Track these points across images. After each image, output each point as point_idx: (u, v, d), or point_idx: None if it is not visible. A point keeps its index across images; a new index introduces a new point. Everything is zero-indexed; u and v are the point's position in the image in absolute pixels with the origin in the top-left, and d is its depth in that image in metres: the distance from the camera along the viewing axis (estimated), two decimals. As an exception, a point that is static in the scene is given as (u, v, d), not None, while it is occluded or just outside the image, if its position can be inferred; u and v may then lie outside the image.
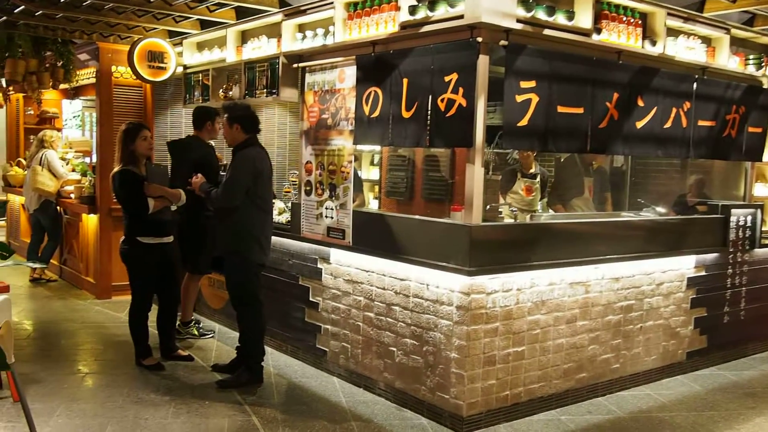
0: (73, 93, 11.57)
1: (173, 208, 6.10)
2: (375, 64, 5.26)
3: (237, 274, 5.63)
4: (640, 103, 5.41)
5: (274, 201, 6.94)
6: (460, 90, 4.57)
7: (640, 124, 5.43)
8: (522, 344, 4.99)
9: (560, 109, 4.87)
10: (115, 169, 5.97)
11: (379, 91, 5.20)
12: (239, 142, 5.62)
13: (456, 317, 4.72)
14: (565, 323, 5.23)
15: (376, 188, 7.54)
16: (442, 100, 4.69)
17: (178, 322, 6.92)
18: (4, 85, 9.77)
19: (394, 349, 5.24)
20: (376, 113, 5.22)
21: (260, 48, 6.69)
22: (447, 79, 4.65)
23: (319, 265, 5.96)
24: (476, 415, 4.79)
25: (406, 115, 4.97)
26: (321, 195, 5.81)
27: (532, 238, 5.00)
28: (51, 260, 10.07)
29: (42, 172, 9.57)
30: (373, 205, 7.51)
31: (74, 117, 14.49)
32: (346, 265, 5.67)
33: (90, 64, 8.99)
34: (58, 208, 9.81)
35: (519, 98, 4.64)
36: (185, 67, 7.91)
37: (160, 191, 5.90)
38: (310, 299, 6.07)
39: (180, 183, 6.09)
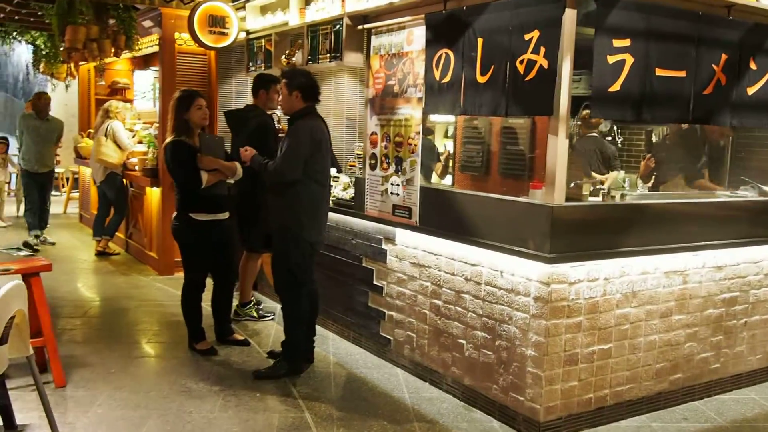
0: (144, 63, 11.39)
1: (231, 181, 5.69)
2: (446, 22, 4.69)
3: (286, 253, 5.19)
4: (753, 66, 4.68)
5: (338, 175, 6.49)
6: (542, 50, 3.97)
7: (751, 91, 4.71)
8: (609, 341, 4.40)
9: (658, 72, 4.21)
10: (167, 140, 5.59)
11: (451, 54, 4.64)
12: (296, 111, 5.16)
13: (534, 310, 4.16)
14: (659, 317, 4.60)
15: (451, 162, 7.04)
16: (522, 62, 4.10)
17: (236, 303, 6.59)
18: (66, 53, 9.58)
19: (464, 341, 4.71)
20: (447, 78, 4.67)
21: (324, 9, 6.19)
22: (527, 37, 4.06)
23: (384, 246, 5.48)
24: (554, 420, 4.23)
25: (481, 80, 4.40)
26: (386, 169, 5.31)
27: (624, 220, 4.37)
28: (117, 233, 9.93)
29: (106, 143, 9.36)
30: (446, 180, 6.99)
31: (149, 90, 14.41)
32: (412, 246, 5.17)
33: (153, 32, 8.66)
34: (123, 180, 9.62)
35: (611, 59, 4.01)
36: (248, 33, 7.48)
37: (215, 164, 5.49)
38: (374, 283, 5.59)
39: (238, 155, 5.67)
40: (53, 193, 16.30)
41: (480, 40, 4.41)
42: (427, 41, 4.86)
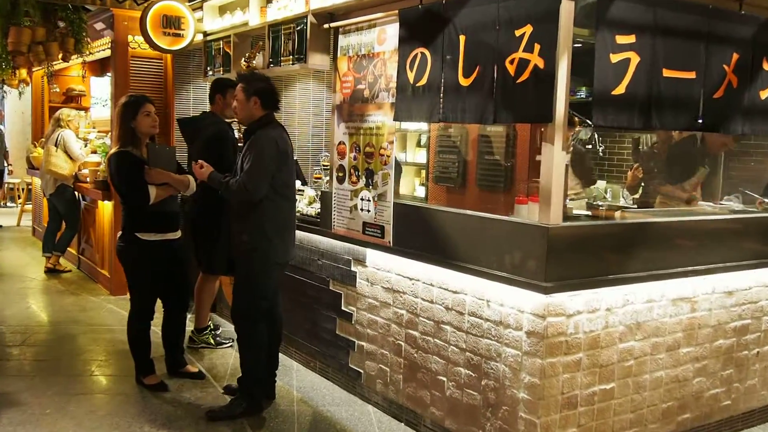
0: (101, 69, 10.72)
1: (187, 194, 5.10)
2: (423, 19, 4.15)
3: (252, 276, 4.61)
4: (766, 67, 4.20)
5: (303, 188, 5.92)
6: (536, 47, 3.43)
7: (764, 95, 4.22)
8: (611, 380, 3.86)
9: (666, 72, 3.69)
10: (112, 150, 4.98)
11: (428, 53, 4.10)
12: (256, 120, 4.60)
13: (526, 346, 3.61)
14: (665, 351, 4.07)
15: (423, 173, 6.51)
16: (512, 62, 3.56)
17: (192, 330, 5.98)
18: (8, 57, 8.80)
19: (444, 379, 4.15)
20: (423, 81, 4.12)
21: (286, 7, 5.61)
22: (518, 33, 3.52)
23: (353, 268, 4.91)
24: (551, 472, 3.69)
25: (463, 82, 3.85)
26: (356, 183, 4.75)
27: (627, 241, 3.84)
28: (69, 249, 9.25)
29: (56, 153, 8.70)
30: (420, 192, 6.45)
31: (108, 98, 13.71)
32: (385, 269, 4.60)
33: (106, 34, 8.01)
34: (75, 193, 8.95)
35: (615, 58, 3.49)
36: (205, 34, 6.88)
37: (164, 177, 4.88)
38: (343, 308, 5.02)
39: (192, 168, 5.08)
40: (8, 204, 15.71)
41: (462, 38, 3.87)
42: (400, 40, 4.32)
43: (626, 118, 3.59)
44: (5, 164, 13.34)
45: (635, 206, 5.84)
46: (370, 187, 4.61)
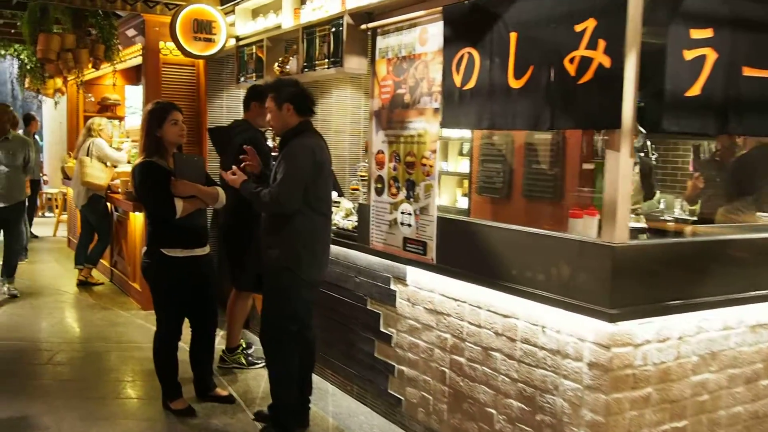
0: (136, 77, 10.54)
1: (218, 206, 4.82)
2: (470, 16, 3.79)
3: (282, 297, 4.28)
4: None
5: (339, 200, 5.59)
6: (601, 43, 3.05)
7: None
8: (683, 417, 3.43)
9: (746, 71, 3.28)
10: (137, 161, 4.69)
11: (476, 54, 3.73)
12: (290, 128, 4.28)
13: (588, 379, 3.21)
14: (744, 384, 3.64)
15: (465, 183, 6.14)
16: (572, 61, 3.18)
17: (223, 349, 5.68)
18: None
19: (494, 411, 3.77)
20: (471, 84, 3.76)
21: (321, 8, 5.28)
22: (579, 28, 3.14)
23: (392, 287, 4.55)
24: None
25: (515, 84, 3.48)
26: (395, 195, 4.39)
27: (701, 260, 3.43)
28: (102, 260, 9.04)
29: (91, 163, 8.49)
30: (462, 203, 6.08)
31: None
32: (427, 289, 4.24)
33: (137, 41, 7.80)
34: (108, 204, 8.73)
35: (688, 55, 3.09)
36: (238, 39, 6.58)
37: (192, 189, 4.58)
38: (381, 329, 4.67)
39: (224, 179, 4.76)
40: (46, 214, 15.63)
41: (513, 35, 3.50)
42: (445, 40, 3.96)
43: (701, 122, 3.18)
44: (40, 175, 13.28)
45: (694, 219, 5.41)
46: (411, 199, 4.26)
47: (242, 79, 6.47)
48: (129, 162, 8.65)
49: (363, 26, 4.72)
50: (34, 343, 6.28)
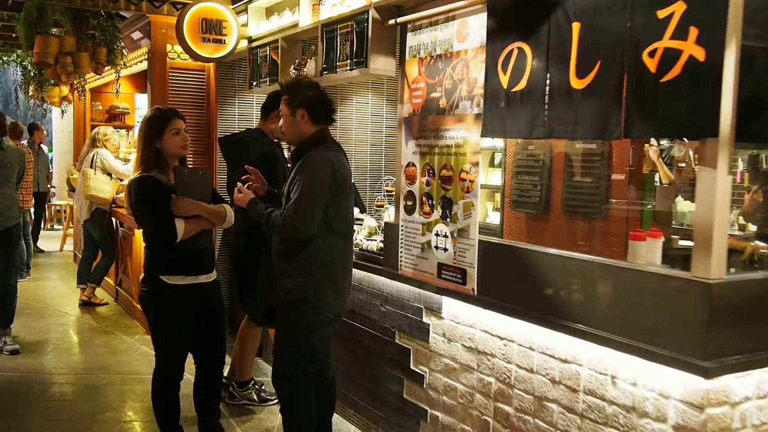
0: (145, 83, 10.04)
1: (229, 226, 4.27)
2: (519, 3, 3.21)
3: (299, 332, 3.71)
4: None
5: (362, 216, 5.01)
6: (692, 32, 2.46)
7: None
8: (788, 490, 2.84)
9: None
10: (133, 176, 4.13)
11: (527, 49, 3.15)
12: (306, 138, 3.72)
13: (674, 446, 2.62)
14: None
15: (497, 197, 5.55)
16: (652, 54, 2.59)
17: (232, 383, 5.10)
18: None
19: (550, 474, 3.17)
20: (521, 84, 3.17)
21: (343, 2, 4.71)
22: (663, 14, 2.55)
23: (425, 319, 3.97)
24: None
25: (577, 84, 2.90)
26: (429, 215, 3.82)
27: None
28: (106, 279, 8.50)
29: (95, 176, 7.95)
30: (493, 219, 5.49)
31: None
32: (467, 324, 3.65)
33: (143, 44, 7.27)
34: (112, 219, 8.20)
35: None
36: (250, 40, 6.02)
37: (195, 209, 4.00)
38: (411, 367, 4.08)
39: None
40: (55, 226, 15.12)
41: (576, 26, 2.91)
42: (488, 34, 3.39)
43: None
44: (48, 186, 12.81)
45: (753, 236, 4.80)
46: (448, 219, 3.68)
47: (255, 84, 5.90)
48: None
49: (391, 21, 4.15)
50: (27, 375, 5.72)
